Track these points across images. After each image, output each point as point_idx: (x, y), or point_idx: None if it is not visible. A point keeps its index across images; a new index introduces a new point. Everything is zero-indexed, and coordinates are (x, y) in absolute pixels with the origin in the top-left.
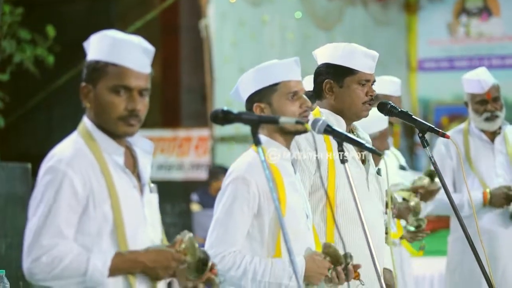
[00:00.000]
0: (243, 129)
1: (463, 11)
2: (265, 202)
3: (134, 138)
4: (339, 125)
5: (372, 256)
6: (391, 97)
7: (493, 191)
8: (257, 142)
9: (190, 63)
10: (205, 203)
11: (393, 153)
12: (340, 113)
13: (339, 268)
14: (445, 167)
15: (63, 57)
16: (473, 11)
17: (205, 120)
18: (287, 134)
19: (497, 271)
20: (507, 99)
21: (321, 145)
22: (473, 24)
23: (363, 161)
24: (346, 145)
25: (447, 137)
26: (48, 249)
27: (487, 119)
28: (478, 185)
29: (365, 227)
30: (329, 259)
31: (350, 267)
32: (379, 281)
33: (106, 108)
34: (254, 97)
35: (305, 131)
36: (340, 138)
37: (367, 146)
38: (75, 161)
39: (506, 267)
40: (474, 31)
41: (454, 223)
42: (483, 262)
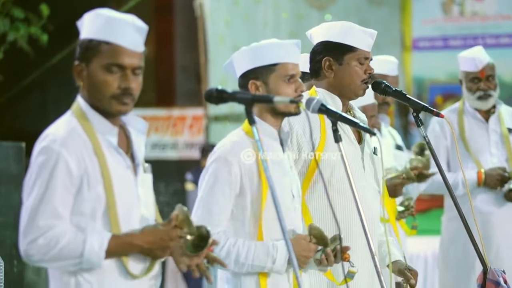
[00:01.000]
0: (237, 108)
1: None
2: (247, 182)
3: (128, 118)
4: (335, 105)
5: (366, 235)
6: (388, 77)
7: (487, 171)
8: (251, 121)
9: (184, 42)
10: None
11: (390, 133)
12: (337, 92)
13: (329, 250)
14: (439, 147)
15: (57, 36)
16: None
17: (199, 99)
18: (278, 115)
19: (490, 250)
20: (502, 78)
21: (315, 124)
22: (468, 3)
23: (360, 141)
24: (341, 125)
25: (442, 116)
26: (44, 230)
27: (480, 98)
28: (472, 164)
29: (359, 206)
30: (314, 240)
31: (339, 248)
32: (373, 260)
33: (100, 86)
34: (250, 74)
35: (296, 113)
36: (334, 117)
37: (361, 125)
38: (69, 141)
39: (499, 247)
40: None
41: (448, 202)
42: (477, 241)
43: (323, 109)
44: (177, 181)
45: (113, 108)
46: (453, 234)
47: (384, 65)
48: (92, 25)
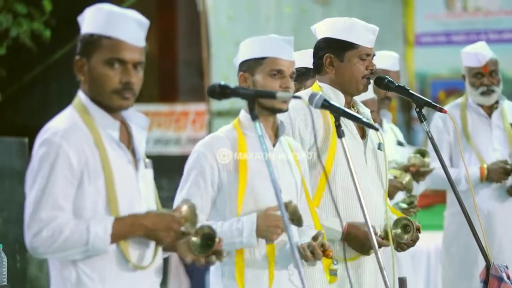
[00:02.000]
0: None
1: None
2: (225, 175)
3: (129, 113)
4: (338, 100)
5: (368, 229)
6: (389, 72)
7: (490, 166)
8: (254, 117)
9: (186, 37)
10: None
11: (392, 129)
12: (340, 88)
13: (314, 243)
14: (442, 142)
15: (59, 31)
16: None
17: (202, 94)
18: (263, 109)
19: (493, 246)
20: (505, 74)
21: (317, 119)
22: None
23: (363, 136)
24: (344, 120)
25: (444, 111)
26: (47, 222)
27: (483, 93)
28: (475, 159)
29: (361, 201)
30: (288, 215)
31: (318, 243)
32: (376, 255)
33: (100, 81)
34: (243, 66)
35: (281, 110)
36: (337, 113)
37: (364, 120)
38: (70, 134)
39: (502, 242)
40: (471, 6)
41: (451, 197)
42: (479, 236)
43: (326, 104)
44: (179, 176)
45: (114, 103)
46: (456, 230)
47: (385, 60)
48: (93, 19)
